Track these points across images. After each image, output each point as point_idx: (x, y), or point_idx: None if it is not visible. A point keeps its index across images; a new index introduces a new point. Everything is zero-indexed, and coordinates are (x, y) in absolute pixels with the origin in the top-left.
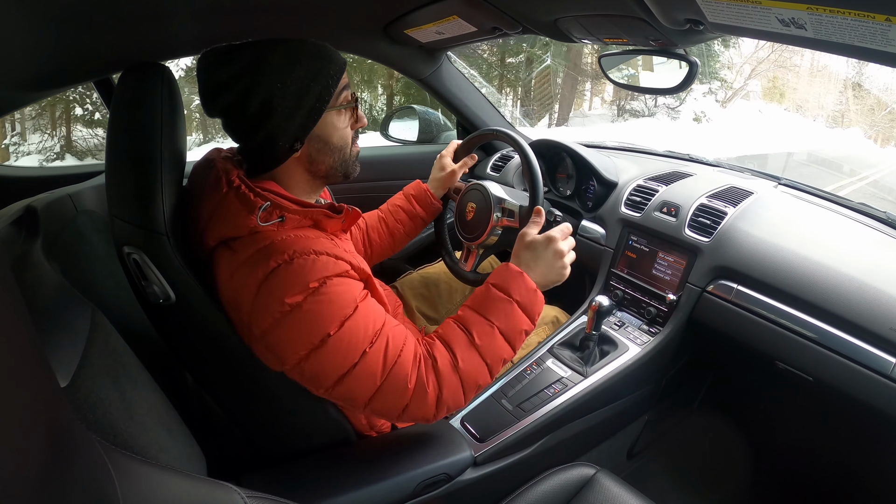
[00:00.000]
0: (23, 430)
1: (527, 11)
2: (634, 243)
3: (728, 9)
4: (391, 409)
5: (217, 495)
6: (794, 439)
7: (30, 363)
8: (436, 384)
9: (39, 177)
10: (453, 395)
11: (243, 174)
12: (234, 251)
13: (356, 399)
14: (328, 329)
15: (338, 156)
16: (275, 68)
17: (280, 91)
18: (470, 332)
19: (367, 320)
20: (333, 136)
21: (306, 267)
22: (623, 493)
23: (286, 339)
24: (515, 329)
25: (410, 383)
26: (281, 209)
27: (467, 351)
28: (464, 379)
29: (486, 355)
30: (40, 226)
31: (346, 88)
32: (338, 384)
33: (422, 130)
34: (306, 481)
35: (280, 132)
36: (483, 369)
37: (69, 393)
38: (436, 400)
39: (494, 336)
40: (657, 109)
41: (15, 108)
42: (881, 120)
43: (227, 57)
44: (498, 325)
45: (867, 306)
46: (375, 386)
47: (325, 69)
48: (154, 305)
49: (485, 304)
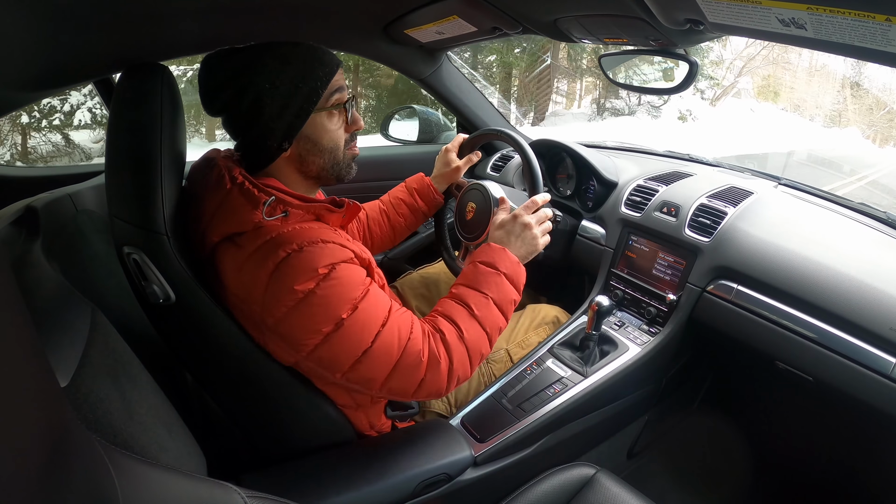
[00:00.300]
0: (23, 430)
1: (527, 11)
2: (634, 243)
3: (728, 9)
4: (407, 385)
5: (217, 495)
6: (794, 439)
7: (30, 363)
8: (447, 356)
9: (39, 177)
10: (462, 365)
11: (244, 171)
12: (240, 246)
13: (374, 380)
14: (341, 313)
15: (328, 157)
16: (266, 69)
17: (269, 91)
18: (468, 304)
19: (377, 302)
20: (323, 138)
21: (315, 254)
22: (623, 493)
23: (301, 326)
24: (507, 299)
25: (424, 356)
26: (285, 204)
27: (469, 321)
28: (469, 348)
29: (485, 324)
30: (40, 226)
31: (340, 90)
32: (355, 367)
33: (422, 130)
34: (306, 481)
35: (269, 131)
36: (484, 338)
37: (69, 393)
38: (447, 371)
39: (490, 306)
40: (638, 108)
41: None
42: (879, 120)
43: (226, 59)
44: (492, 296)
45: (867, 306)
46: (392, 364)
47: (314, 71)
48: (154, 305)
49: (476, 279)
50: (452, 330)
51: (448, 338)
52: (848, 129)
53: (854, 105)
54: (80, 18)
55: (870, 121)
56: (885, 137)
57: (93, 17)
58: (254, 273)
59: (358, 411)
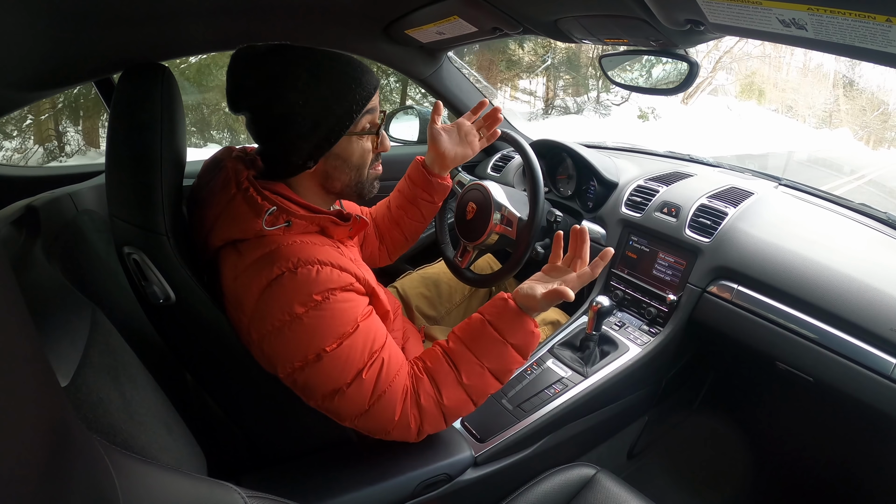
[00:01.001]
0: (23, 430)
1: (527, 12)
2: (635, 244)
3: (728, 9)
4: (375, 430)
5: (217, 495)
6: (794, 440)
7: (30, 363)
8: (418, 418)
9: (39, 177)
10: (434, 426)
11: (253, 175)
12: (241, 253)
13: (343, 416)
14: (324, 345)
15: (354, 175)
16: (299, 83)
17: (300, 108)
18: (458, 370)
19: (367, 339)
20: (353, 158)
21: (310, 278)
22: (623, 494)
23: (282, 349)
24: (506, 368)
25: (395, 415)
26: (288, 214)
27: (453, 388)
28: (446, 413)
29: (472, 393)
30: (41, 226)
31: (373, 111)
32: (327, 399)
33: (422, 130)
34: (306, 481)
35: (294, 148)
36: (468, 404)
37: (69, 393)
38: (417, 430)
39: (484, 376)
40: (585, 106)
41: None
42: (873, 121)
43: (258, 61)
44: (489, 366)
45: (867, 307)
46: (363, 409)
47: (350, 93)
48: (154, 306)
49: (478, 342)
50: (432, 395)
51: (423, 402)
52: (839, 131)
53: (847, 105)
54: (81, 18)
55: (862, 122)
56: (878, 139)
57: (93, 17)
58: (248, 284)
59: None
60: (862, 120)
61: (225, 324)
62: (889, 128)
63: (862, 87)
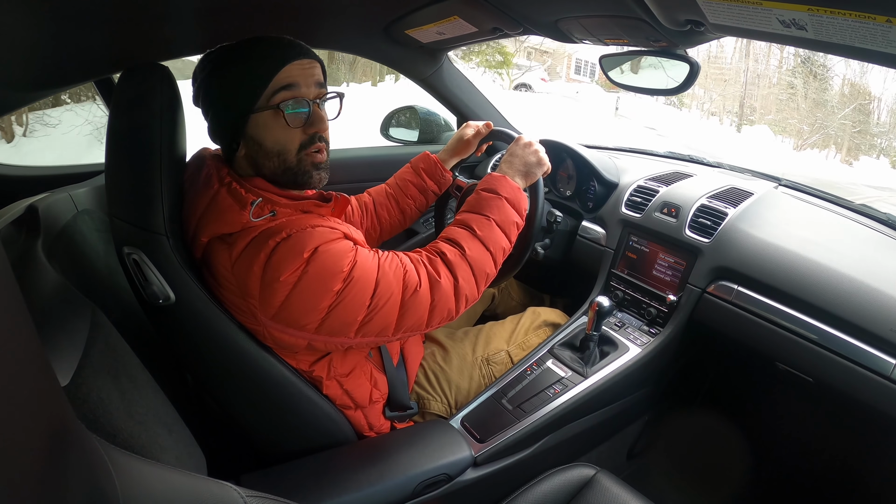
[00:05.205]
0: (23, 430)
1: (528, 12)
2: (635, 244)
3: (729, 10)
4: (419, 317)
5: (216, 494)
6: (794, 440)
7: (30, 362)
8: (448, 274)
9: (39, 176)
10: (467, 283)
11: (232, 171)
12: (231, 244)
13: (387, 327)
14: (335, 285)
15: (276, 161)
16: (216, 66)
17: (216, 91)
18: (470, 226)
19: (367, 262)
20: (266, 139)
21: (304, 237)
22: (623, 494)
23: (301, 308)
24: (508, 220)
25: (423, 282)
26: (272, 203)
27: (471, 241)
28: (473, 266)
29: (488, 244)
30: (41, 225)
31: (290, 87)
32: (365, 324)
33: (422, 131)
34: (306, 481)
35: (218, 130)
36: (488, 257)
37: (69, 392)
38: (453, 288)
39: (492, 227)
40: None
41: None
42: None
43: (203, 56)
44: (494, 217)
45: (867, 307)
46: (398, 305)
47: (256, 69)
48: (154, 306)
49: (478, 204)
50: (454, 250)
51: (450, 257)
52: (757, 128)
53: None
54: (81, 18)
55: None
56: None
57: (93, 17)
58: (247, 267)
59: (357, 412)
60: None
61: (224, 323)
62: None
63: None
